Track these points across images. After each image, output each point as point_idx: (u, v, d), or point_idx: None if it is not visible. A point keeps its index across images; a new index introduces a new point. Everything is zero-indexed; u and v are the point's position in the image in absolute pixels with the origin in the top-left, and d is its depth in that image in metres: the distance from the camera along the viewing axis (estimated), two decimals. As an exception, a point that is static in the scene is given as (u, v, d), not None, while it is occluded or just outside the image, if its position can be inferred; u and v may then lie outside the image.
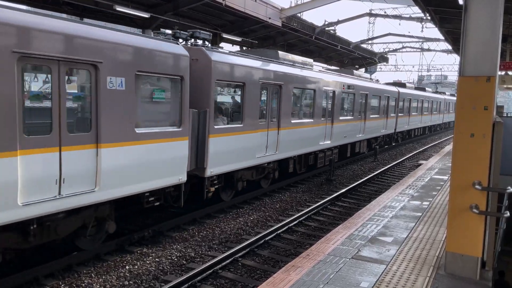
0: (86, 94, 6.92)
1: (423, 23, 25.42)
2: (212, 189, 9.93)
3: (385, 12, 26.65)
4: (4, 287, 6.25)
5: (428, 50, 37.03)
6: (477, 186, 4.52)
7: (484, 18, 4.55)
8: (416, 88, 32.34)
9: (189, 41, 9.93)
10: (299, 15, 20.19)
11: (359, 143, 19.61)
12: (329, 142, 15.75)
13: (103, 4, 13.81)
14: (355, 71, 20.17)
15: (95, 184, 6.83)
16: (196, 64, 9.21)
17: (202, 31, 10.06)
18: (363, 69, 43.92)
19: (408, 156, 22.40)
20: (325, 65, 22.14)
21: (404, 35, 31.52)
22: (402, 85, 28.22)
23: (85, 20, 18.23)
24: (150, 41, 7.95)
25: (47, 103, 6.29)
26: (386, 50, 37.35)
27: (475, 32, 4.60)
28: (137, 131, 7.49)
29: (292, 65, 13.18)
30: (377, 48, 38.51)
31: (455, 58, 53.48)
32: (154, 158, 7.91)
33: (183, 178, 8.71)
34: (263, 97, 11.63)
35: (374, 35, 43.13)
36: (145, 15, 14.58)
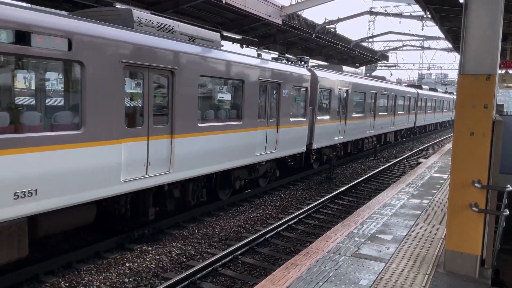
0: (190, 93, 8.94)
1: (423, 21, 25.42)
2: (314, 158, 15.72)
3: (385, 10, 26.65)
4: (4, 285, 6.27)
5: (429, 48, 37.03)
6: (476, 185, 4.52)
7: (484, 17, 4.55)
8: (430, 89, 35.97)
9: (297, 62, 14.88)
10: (299, 13, 20.17)
11: (389, 134, 24.77)
12: (372, 131, 21.17)
13: (104, 2, 13.79)
14: (386, 77, 24.17)
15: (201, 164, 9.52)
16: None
17: (305, 57, 15.56)
18: (363, 68, 43.96)
19: (408, 154, 22.41)
20: (357, 71, 23.28)
21: (404, 33, 31.54)
22: (419, 86, 32.71)
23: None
24: (291, 66, 13.45)
25: (140, 102, 7.88)
26: (387, 48, 37.33)
27: (475, 30, 4.60)
28: (291, 120, 13.09)
29: (350, 75, 18.56)
30: (377, 46, 38.52)
31: (455, 57, 53.51)
32: (293, 136, 13.26)
33: (304, 149, 14.28)
34: (341, 99, 17.10)
35: (375, 33, 43.11)
36: (146, 13, 14.56)
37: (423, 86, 34.46)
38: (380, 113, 21.84)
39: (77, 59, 6.42)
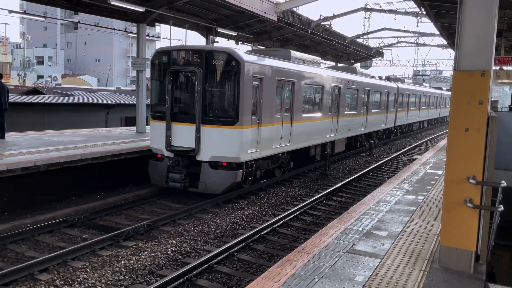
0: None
1: (418, 18, 25.41)
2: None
3: (380, 7, 26.65)
4: (-2, 282, 6.24)
5: (424, 45, 37.06)
6: (471, 180, 4.54)
7: (479, 13, 4.55)
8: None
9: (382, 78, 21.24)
10: (294, 9, 20.12)
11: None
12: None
13: (99, 0, 13.72)
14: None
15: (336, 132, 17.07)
16: None
17: (392, 76, 23.85)
18: (358, 64, 43.99)
19: (403, 150, 22.47)
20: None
21: (399, 30, 31.56)
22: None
23: (79, 14, 18.07)
24: (385, 82, 23.32)
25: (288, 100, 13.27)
26: (382, 45, 37.33)
27: (470, 26, 4.60)
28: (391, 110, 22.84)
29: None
30: (372, 43, 38.50)
31: (450, 53, 53.61)
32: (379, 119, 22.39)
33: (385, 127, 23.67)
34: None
35: (370, 29, 43.11)
36: (140, 9, 14.48)
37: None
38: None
39: (246, 73, 10.74)
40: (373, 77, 23.41)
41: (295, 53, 14.65)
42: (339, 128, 17.38)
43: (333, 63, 33.29)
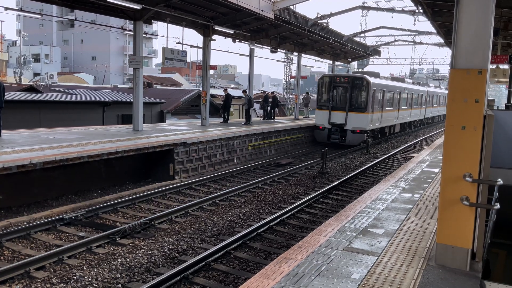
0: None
1: (415, 16, 25.40)
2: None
3: (377, 5, 26.61)
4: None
5: (420, 43, 37.06)
6: (467, 178, 4.54)
7: (476, 11, 4.56)
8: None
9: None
10: (291, 7, 20.08)
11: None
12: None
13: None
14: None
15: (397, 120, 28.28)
16: None
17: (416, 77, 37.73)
18: (355, 63, 43.94)
19: (399, 149, 22.52)
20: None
21: (396, 28, 31.54)
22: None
23: (76, 11, 18.02)
24: (419, 86, 35.03)
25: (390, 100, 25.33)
26: (379, 43, 37.33)
27: (467, 25, 4.60)
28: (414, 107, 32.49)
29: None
30: (369, 41, 38.54)
31: (447, 52, 53.73)
32: (417, 113, 33.52)
33: (419, 118, 35.28)
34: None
35: (367, 28, 43.13)
36: (137, 6, 14.42)
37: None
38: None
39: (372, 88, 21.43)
40: (413, 83, 34.36)
41: (382, 75, 26.03)
42: (398, 117, 28.15)
43: (330, 62, 33.31)
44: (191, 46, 20.93)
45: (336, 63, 34.39)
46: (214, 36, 19.40)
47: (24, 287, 6.31)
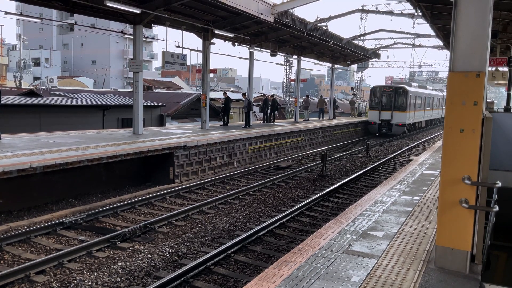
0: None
1: (414, 19, 25.51)
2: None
3: (376, 8, 26.68)
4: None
5: (420, 46, 37.15)
6: (466, 181, 4.55)
7: (473, 14, 4.58)
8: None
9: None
10: (291, 10, 20.14)
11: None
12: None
13: (95, 1, 13.69)
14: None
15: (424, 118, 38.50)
16: None
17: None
18: (354, 65, 43.98)
19: (399, 151, 22.53)
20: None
21: (395, 31, 31.61)
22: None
23: (76, 16, 18.06)
24: (437, 92, 45.49)
25: (419, 102, 35.94)
26: (378, 46, 37.41)
27: (465, 28, 4.62)
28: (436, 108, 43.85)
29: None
30: (369, 44, 38.62)
31: (446, 54, 53.84)
32: (437, 112, 44.18)
33: (438, 116, 45.30)
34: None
35: (366, 31, 43.18)
36: (136, 10, 14.47)
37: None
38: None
39: (409, 94, 31.54)
40: (432, 89, 44.14)
41: (415, 84, 39.08)
42: (424, 115, 37.43)
43: (329, 65, 33.35)
44: (191, 50, 20.93)
45: (336, 66, 34.43)
46: (214, 40, 19.45)
47: (24, 291, 6.31)
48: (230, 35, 19.40)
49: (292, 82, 37.43)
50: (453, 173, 4.64)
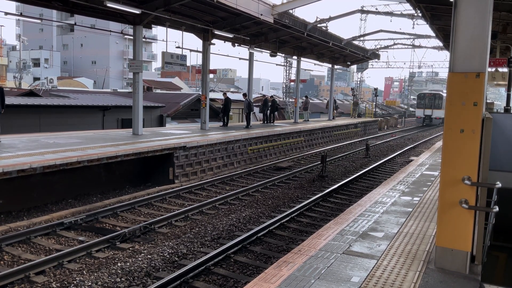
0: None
1: (414, 20, 25.56)
2: None
3: (376, 9, 26.74)
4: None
5: (419, 47, 37.22)
6: (466, 181, 4.55)
7: (473, 15, 4.58)
8: None
9: None
10: (291, 11, 20.16)
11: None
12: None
13: (94, 0, 13.70)
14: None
15: None
16: None
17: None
18: (354, 66, 44.02)
19: (399, 152, 22.53)
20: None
21: (395, 32, 31.67)
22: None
23: (75, 16, 18.09)
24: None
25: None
26: (378, 46, 37.48)
27: (464, 28, 4.62)
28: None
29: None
30: (368, 44, 38.65)
31: (446, 55, 53.95)
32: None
33: None
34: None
35: (366, 31, 43.25)
36: (136, 11, 14.48)
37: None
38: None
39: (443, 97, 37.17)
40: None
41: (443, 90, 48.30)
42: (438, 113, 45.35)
43: (329, 65, 33.37)
44: (191, 50, 20.94)
45: (335, 66, 34.45)
46: (214, 40, 19.47)
47: (24, 292, 6.31)
48: (230, 35, 19.41)
49: (292, 83, 37.49)
50: (453, 174, 4.64)
